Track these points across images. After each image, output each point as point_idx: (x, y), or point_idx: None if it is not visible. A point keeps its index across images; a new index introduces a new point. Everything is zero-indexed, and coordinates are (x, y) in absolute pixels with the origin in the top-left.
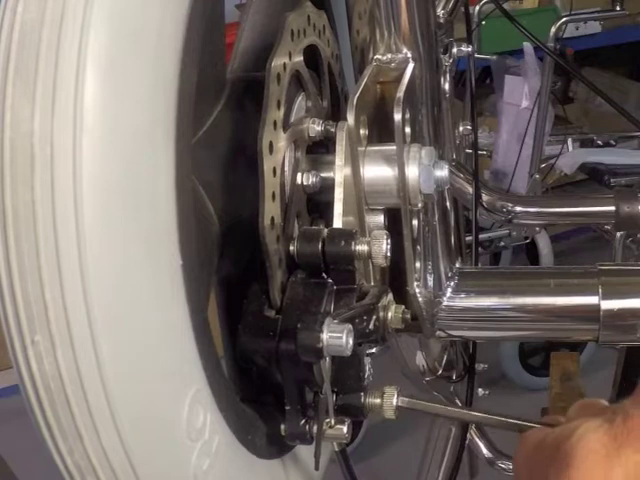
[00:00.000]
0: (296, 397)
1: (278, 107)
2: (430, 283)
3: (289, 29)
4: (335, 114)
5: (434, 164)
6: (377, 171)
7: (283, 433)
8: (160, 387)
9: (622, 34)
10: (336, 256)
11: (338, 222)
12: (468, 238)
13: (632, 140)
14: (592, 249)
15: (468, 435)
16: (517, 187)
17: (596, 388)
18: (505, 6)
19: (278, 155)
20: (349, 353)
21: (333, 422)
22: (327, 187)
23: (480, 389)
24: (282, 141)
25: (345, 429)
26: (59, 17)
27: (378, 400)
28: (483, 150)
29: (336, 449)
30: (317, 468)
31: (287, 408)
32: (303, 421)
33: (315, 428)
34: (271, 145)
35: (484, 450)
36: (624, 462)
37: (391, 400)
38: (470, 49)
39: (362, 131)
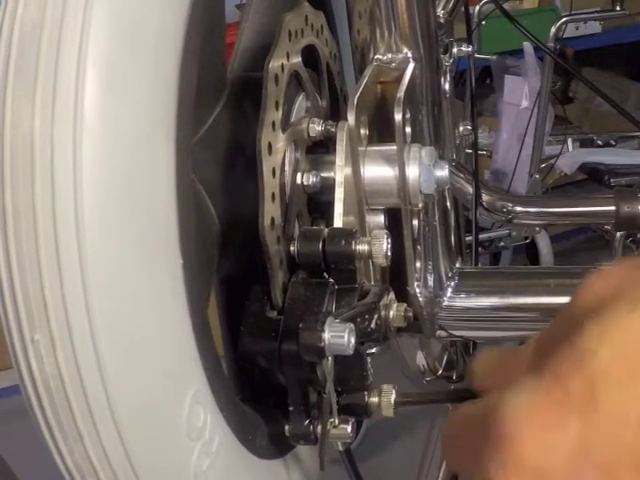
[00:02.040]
0: (299, 397)
1: (277, 108)
2: (430, 283)
3: (286, 30)
4: (334, 114)
5: (434, 164)
6: (377, 171)
7: (287, 434)
8: (160, 387)
9: (622, 34)
10: (337, 256)
11: (338, 222)
12: (468, 238)
13: (632, 140)
14: (592, 249)
15: None
16: (517, 187)
17: None
18: (505, 6)
19: (277, 156)
20: (351, 352)
21: (337, 422)
22: (327, 187)
23: None
24: (281, 142)
25: (349, 429)
26: (59, 17)
27: (376, 399)
28: (483, 150)
29: (340, 449)
30: (322, 468)
31: (290, 409)
32: (307, 421)
33: (319, 428)
34: (270, 146)
35: None
36: (566, 428)
37: (389, 398)
38: (470, 49)
39: (362, 131)
